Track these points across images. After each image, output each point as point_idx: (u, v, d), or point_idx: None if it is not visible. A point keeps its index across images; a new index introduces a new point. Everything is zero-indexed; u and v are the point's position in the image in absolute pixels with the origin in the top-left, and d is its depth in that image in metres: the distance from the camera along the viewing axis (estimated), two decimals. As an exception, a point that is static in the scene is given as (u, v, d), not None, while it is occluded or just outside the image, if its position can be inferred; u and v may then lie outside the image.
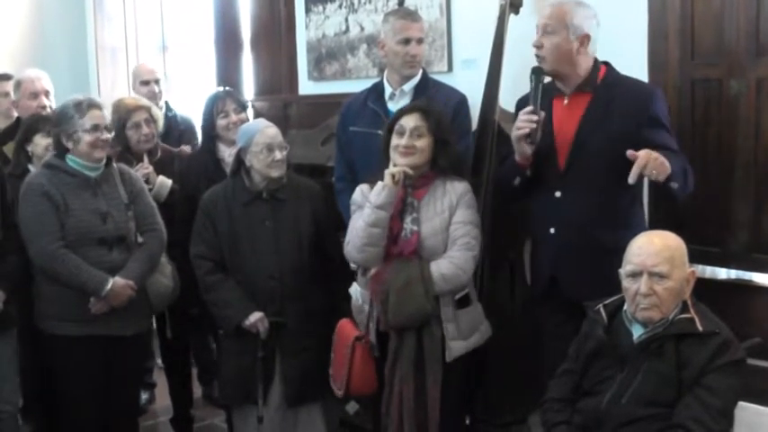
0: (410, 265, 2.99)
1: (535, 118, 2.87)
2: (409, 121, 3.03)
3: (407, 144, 3.01)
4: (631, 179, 2.62)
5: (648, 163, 2.61)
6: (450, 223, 3.03)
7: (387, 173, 2.99)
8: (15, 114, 4.50)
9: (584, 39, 2.91)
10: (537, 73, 2.93)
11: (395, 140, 3.04)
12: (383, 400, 3.07)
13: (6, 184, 3.36)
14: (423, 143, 3.02)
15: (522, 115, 2.90)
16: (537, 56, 2.95)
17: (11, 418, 3.41)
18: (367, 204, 3.02)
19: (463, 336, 3.04)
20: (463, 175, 3.14)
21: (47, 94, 4.44)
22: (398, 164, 3.01)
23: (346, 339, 3.14)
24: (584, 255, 2.91)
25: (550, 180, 2.98)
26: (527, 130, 2.87)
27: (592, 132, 2.89)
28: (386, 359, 3.06)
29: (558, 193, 2.96)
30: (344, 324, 3.20)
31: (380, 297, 3.01)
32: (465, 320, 3.06)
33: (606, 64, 2.99)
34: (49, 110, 4.31)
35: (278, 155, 3.32)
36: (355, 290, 3.22)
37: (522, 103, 3.05)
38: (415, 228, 3.03)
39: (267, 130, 3.36)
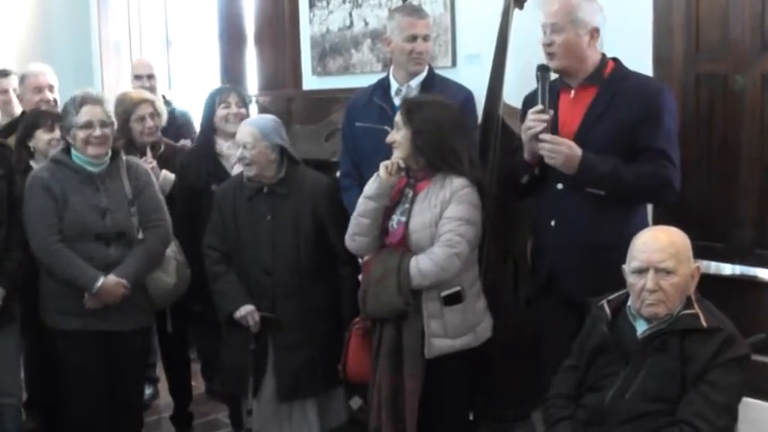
0: (391, 258, 2.97)
1: (545, 117, 2.86)
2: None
3: (389, 138, 3.01)
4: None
5: (558, 153, 2.78)
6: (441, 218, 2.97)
7: (381, 165, 2.98)
8: (16, 110, 4.48)
9: (594, 32, 2.90)
10: (543, 70, 2.91)
11: None
12: (369, 390, 3.09)
13: (16, 180, 3.36)
14: (399, 136, 2.98)
15: (532, 114, 2.89)
16: (547, 53, 2.92)
17: (14, 412, 3.41)
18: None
19: (450, 334, 2.96)
20: (466, 171, 3.00)
21: (51, 88, 4.44)
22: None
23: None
24: (582, 249, 2.89)
25: (553, 172, 2.96)
26: (539, 129, 2.86)
27: (594, 125, 2.87)
28: None
29: (559, 185, 2.94)
30: None
31: (363, 286, 3.03)
32: (453, 319, 2.96)
33: (615, 60, 2.97)
34: (53, 103, 4.31)
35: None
36: None
37: (528, 100, 3.04)
38: (403, 219, 2.99)
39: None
